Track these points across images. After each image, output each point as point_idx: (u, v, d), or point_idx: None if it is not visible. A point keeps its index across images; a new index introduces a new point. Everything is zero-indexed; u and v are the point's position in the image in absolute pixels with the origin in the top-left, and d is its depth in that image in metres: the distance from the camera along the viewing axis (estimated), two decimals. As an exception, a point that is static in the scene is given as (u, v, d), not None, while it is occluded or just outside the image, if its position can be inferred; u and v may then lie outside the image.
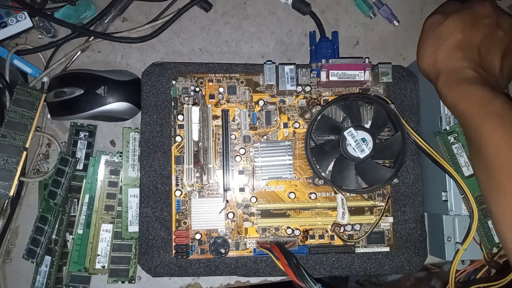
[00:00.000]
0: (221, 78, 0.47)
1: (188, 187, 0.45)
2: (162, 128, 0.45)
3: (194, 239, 0.45)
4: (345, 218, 0.45)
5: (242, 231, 0.46)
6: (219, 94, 0.46)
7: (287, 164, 0.46)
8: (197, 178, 0.45)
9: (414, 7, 0.55)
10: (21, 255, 0.46)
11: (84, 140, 0.48)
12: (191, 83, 0.46)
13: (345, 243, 0.46)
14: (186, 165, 0.45)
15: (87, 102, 0.46)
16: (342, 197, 0.46)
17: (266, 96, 0.47)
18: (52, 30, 0.49)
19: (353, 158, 0.43)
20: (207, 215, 0.45)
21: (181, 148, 0.45)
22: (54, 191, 0.45)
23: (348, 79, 0.45)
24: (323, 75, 0.45)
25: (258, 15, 0.53)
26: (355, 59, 0.46)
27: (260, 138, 0.46)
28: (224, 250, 0.44)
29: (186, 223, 0.45)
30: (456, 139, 0.44)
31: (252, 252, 0.45)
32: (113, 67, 0.50)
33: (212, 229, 0.45)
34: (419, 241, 0.47)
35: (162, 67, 0.46)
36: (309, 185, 0.47)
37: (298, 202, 0.46)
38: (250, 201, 0.46)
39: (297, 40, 0.53)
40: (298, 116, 0.47)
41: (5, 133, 0.45)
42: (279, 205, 0.46)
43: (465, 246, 0.42)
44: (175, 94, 0.46)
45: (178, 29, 0.52)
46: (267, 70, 0.45)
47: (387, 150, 0.45)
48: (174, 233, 0.45)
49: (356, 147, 0.43)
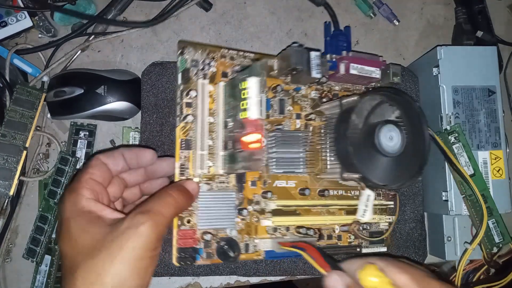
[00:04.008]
0: (235, 56, 0.40)
1: (196, 177, 0.38)
2: (162, 127, 0.45)
3: (201, 240, 0.37)
4: (365, 216, 0.41)
5: (252, 231, 0.40)
6: (234, 72, 0.40)
7: (301, 158, 0.41)
8: (209, 167, 0.37)
9: (414, 6, 0.55)
10: (21, 254, 0.46)
11: (84, 140, 0.48)
12: (201, 56, 0.39)
13: (350, 244, 0.44)
14: (199, 151, 0.37)
15: (87, 102, 0.46)
16: (370, 193, 0.41)
17: (280, 82, 0.42)
18: (52, 29, 0.49)
19: (387, 153, 0.39)
20: (217, 211, 0.38)
21: (188, 130, 0.38)
22: (54, 191, 0.45)
23: (366, 74, 0.42)
24: (342, 67, 0.41)
25: (258, 15, 0.53)
26: (371, 56, 0.43)
27: (272, 127, 0.41)
28: (233, 254, 0.37)
29: (190, 221, 0.37)
30: (456, 139, 0.44)
31: (263, 255, 0.39)
32: (113, 66, 0.50)
33: (219, 229, 0.38)
34: (418, 241, 0.47)
35: (162, 66, 0.46)
36: (318, 181, 0.43)
37: (310, 199, 0.42)
38: (265, 197, 0.40)
39: (297, 40, 0.53)
40: (310, 108, 0.43)
41: (5, 132, 0.45)
42: (295, 202, 0.41)
43: (473, 245, 0.42)
44: (183, 67, 0.39)
45: (178, 28, 0.52)
46: (296, 53, 0.39)
47: (412, 146, 0.41)
48: (178, 233, 0.36)
49: (389, 141, 0.39)
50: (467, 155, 0.43)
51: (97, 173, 0.33)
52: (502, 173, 0.45)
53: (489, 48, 0.48)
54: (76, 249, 0.29)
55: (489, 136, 0.46)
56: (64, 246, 0.30)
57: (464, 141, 0.44)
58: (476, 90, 0.46)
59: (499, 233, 0.44)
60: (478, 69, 0.46)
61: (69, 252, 0.29)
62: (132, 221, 0.29)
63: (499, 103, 0.47)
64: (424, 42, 0.56)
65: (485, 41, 0.53)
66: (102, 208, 0.31)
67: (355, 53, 0.42)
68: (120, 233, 0.28)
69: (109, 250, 0.28)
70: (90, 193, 0.31)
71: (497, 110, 0.47)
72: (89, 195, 0.31)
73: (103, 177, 0.33)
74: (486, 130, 0.46)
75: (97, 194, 0.32)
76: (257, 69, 0.33)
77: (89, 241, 0.29)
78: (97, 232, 0.29)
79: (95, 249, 0.28)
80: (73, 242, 0.29)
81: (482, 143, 0.46)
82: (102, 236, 0.28)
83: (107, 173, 0.34)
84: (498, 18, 0.58)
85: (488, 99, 0.46)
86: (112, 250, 0.27)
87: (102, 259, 0.27)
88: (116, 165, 0.35)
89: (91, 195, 0.31)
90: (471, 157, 0.44)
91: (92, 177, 0.33)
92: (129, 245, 0.28)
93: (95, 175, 0.33)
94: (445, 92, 0.46)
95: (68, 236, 0.30)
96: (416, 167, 0.40)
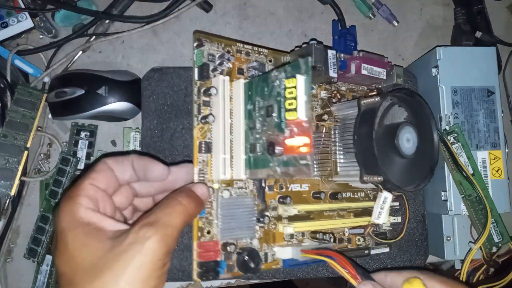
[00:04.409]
0: (250, 51, 0.38)
1: (216, 183, 0.34)
2: (162, 133, 0.45)
3: (223, 252, 0.34)
4: (381, 218, 0.40)
5: (270, 239, 0.37)
6: (251, 68, 0.37)
7: (316, 159, 0.40)
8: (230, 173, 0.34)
9: (413, 7, 0.55)
10: (22, 254, 0.46)
11: (85, 140, 0.48)
12: (217, 50, 0.36)
13: (359, 246, 0.43)
14: (221, 154, 0.33)
15: (88, 102, 0.46)
16: (388, 195, 0.39)
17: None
18: (53, 30, 0.49)
19: (405, 155, 0.38)
20: (238, 220, 0.34)
21: (206, 132, 0.34)
22: (55, 191, 0.45)
23: (374, 75, 0.42)
24: (353, 67, 0.41)
25: (258, 15, 0.53)
26: (379, 56, 0.43)
27: None
28: (254, 265, 0.34)
29: (210, 231, 0.33)
30: (456, 139, 0.44)
31: (281, 264, 0.37)
32: (114, 67, 0.51)
33: (239, 238, 0.35)
34: (420, 241, 0.47)
35: (162, 72, 0.45)
36: (329, 184, 0.42)
37: (322, 202, 0.41)
38: (284, 202, 0.38)
39: (297, 41, 0.53)
40: (320, 108, 0.42)
41: (7, 132, 0.45)
42: (313, 207, 0.39)
43: (478, 245, 0.42)
44: (200, 62, 0.34)
45: (178, 29, 0.52)
46: (317, 50, 0.38)
47: (423, 148, 0.41)
48: (198, 245, 0.33)
49: (407, 143, 0.39)
50: (466, 155, 0.44)
51: (100, 179, 0.29)
52: (501, 173, 0.45)
53: (488, 48, 0.48)
54: (74, 267, 0.26)
55: (488, 136, 0.46)
56: (60, 262, 0.26)
57: (463, 141, 0.44)
58: (475, 91, 0.46)
59: (498, 233, 0.44)
60: (477, 69, 0.47)
61: (66, 269, 0.26)
62: (137, 235, 0.25)
63: (498, 103, 0.47)
64: (423, 42, 0.56)
65: (484, 42, 0.53)
66: (102, 219, 0.27)
67: (365, 53, 0.42)
68: (123, 249, 0.25)
69: (111, 270, 0.24)
70: (88, 202, 0.28)
71: (496, 110, 0.47)
72: (88, 203, 0.28)
73: (107, 184, 0.30)
74: (485, 130, 0.46)
75: (97, 202, 0.29)
76: (305, 66, 0.29)
77: (88, 257, 0.25)
78: (97, 247, 0.25)
79: (95, 269, 0.25)
80: (70, 258, 0.26)
81: (481, 143, 0.46)
82: (103, 252, 0.25)
83: (113, 180, 0.30)
84: (497, 19, 0.58)
85: (487, 100, 0.47)
86: (115, 271, 0.24)
87: (104, 281, 0.24)
88: (123, 173, 0.31)
89: (90, 204, 0.28)
90: (470, 157, 0.44)
91: (94, 183, 0.29)
92: (135, 264, 0.24)
93: (98, 181, 0.29)
94: (444, 93, 0.46)
95: (64, 250, 0.26)
96: (427, 168, 0.40)
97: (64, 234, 0.26)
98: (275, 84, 0.31)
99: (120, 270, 0.24)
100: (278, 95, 0.30)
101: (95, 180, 0.29)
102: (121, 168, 0.31)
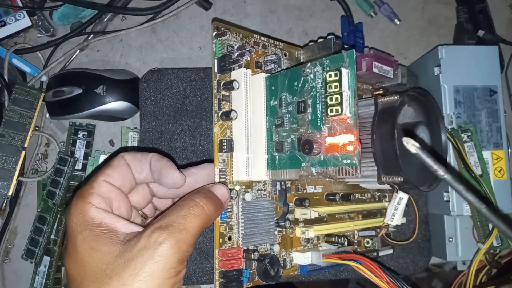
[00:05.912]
0: (267, 44, 0.36)
1: (237, 185, 0.32)
2: (161, 135, 0.44)
3: (245, 260, 0.31)
4: (394, 219, 0.38)
5: (288, 244, 0.35)
6: (269, 62, 0.35)
7: None
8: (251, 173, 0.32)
9: (415, 5, 0.55)
10: (19, 255, 0.46)
11: (83, 140, 0.48)
12: (235, 41, 0.33)
13: (367, 248, 0.42)
14: (245, 153, 0.31)
15: (86, 102, 0.45)
16: (403, 196, 0.37)
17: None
18: (51, 29, 0.49)
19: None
20: (259, 224, 0.32)
21: (226, 129, 0.32)
22: (53, 191, 0.45)
23: (383, 74, 0.41)
24: (364, 64, 0.40)
25: (258, 14, 0.52)
26: (387, 55, 0.42)
27: None
28: (274, 272, 0.32)
29: (231, 238, 0.31)
30: (469, 138, 0.44)
31: (298, 270, 0.35)
32: (112, 66, 0.50)
33: (259, 245, 0.33)
34: (423, 242, 0.47)
35: (160, 73, 0.45)
36: (339, 185, 0.40)
37: (335, 204, 0.39)
38: (302, 205, 0.36)
39: (298, 39, 0.52)
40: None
41: (4, 132, 0.45)
42: (330, 209, 0.38)
43: (487, 245, 0.42)
44: (219, 53, 0.32)
45: (177, 28, 0.51)
46: (336, 46, 0.36)
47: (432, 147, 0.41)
48: (219, 254, 0.30)
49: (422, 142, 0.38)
50: (477, 155, 0.43)
51: (116, 176, 0.27)
52: (504, 173, 0.45)
53: (491, 47, 0.47)
54: (83, 271, 0.24)
55: (491, 136, 0.46)
56: (70, 265, 0.25)
57: (476, 141, 0.44)
58: (477, 90, 0.46)
59: (498, 237, 0.44)
60: (479, 68, 0.46)
61: (75, 273, 0.24)
62: (149, 240, 0.23)
63: (500, 103, 0.46)
64: (425, 41, 0.56)
65: (487, 41, 0.53)
66: (115, 220, 0.25)
67: (375, 51, 0.41)
68: (133, 255, 0.23)
69: (120, 278, 0.23)
70: (100, 201, 0.26)
71: (499, 110, 0.46)
72: (99, 203, 0.26)
73: (123, 181, 0.28)
74: (488, 130, 0.46)
75: (110, 201, 0.27)
76: (349, 59, 0.27)
77: (98, 262, 0.24)
78: (107, 252, 0.24)
79: (104, 275, 0.23)
80: (79, 262, 0.24)
81: (484, 143, 0.45)
82: (112, 257, 0.23)
83: (129, 177, 0.28)
84: (500, 18, 0.58)
85: (490, 99, 0.46)
86: (123, 279, 0.22)
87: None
88: (140, 172, 0.29)
89: (102, 204, 0.26)
90: (481, 157, 0.43)
91: (108, 179, 0.27)
92: (145, 271, 0.22)
93: (113, 178, 0.27)
94: (446, 92, 0.45)
95: (73, 253, 0.25)
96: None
97: (74, 235, 0.25)
98: (309, 78, 0.29)
99: (129, 279, 0.22)
100: (313, 90, 0.28)
101: (109, 176, 0.27)
102: (138, 166, 0.29)
